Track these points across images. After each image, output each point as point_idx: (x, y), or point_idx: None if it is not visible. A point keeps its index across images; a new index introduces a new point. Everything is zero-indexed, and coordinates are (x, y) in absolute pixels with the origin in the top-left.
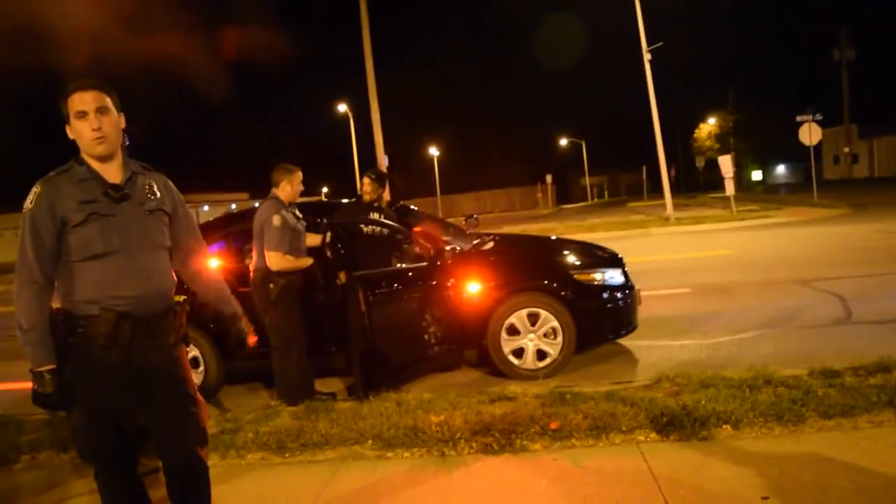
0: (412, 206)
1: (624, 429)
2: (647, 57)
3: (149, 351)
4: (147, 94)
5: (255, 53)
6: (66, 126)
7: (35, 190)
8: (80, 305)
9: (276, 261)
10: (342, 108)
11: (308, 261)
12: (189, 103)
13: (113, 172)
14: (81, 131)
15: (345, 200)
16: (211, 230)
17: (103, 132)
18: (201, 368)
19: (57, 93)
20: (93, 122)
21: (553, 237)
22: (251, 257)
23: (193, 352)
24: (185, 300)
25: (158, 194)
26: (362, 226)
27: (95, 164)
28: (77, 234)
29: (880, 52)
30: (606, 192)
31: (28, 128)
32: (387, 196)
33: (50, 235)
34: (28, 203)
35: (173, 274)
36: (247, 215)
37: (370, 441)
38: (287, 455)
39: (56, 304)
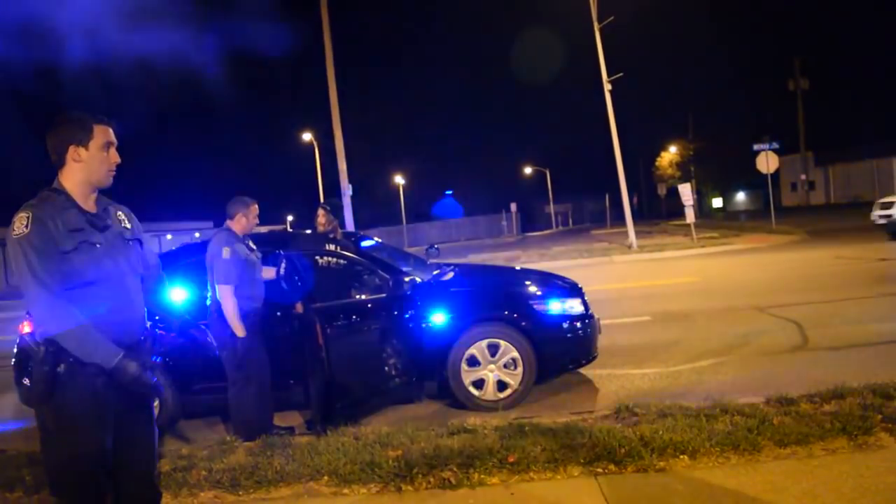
0: (371, 237)
1: (582, 461)
2: (607, 87)
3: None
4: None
5: (222, 81)
6: (72, 146)
7: (26, 215)
8: None
9: (226, 294)
10: (307, 136)
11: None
12: (154, 130)
13: (90, 202)
14: (101, 161)
15: (307, 231)
16: (169, 261)
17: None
18: (156, 402)
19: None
20: (115, 157)
21: (513, 267)
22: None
23: None
24: (151, 325)
25: (129, 225)
26: (317, 257)
27: (77, 194)
28: (68, 262)
29: (834, 82)
30: (571, 220)
31: None
32: (349, 226)
33: (54, 253)
34: (22, 228)
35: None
36: (205, 246)
37: (326, 477)
38: (241, 493)
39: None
